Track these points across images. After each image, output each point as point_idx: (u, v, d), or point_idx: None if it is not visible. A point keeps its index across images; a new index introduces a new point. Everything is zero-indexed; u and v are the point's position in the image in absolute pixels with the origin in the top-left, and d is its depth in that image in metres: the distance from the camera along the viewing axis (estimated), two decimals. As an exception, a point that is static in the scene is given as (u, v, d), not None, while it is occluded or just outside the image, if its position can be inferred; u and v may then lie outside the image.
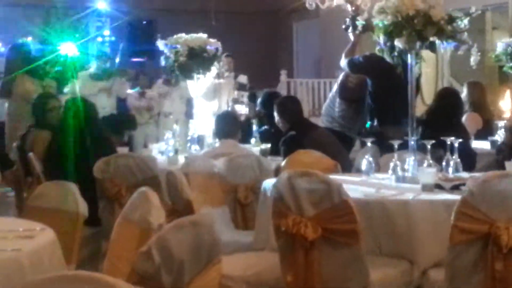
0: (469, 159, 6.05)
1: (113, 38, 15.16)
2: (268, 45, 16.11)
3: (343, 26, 7.25)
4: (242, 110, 8.10)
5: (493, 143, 7.22)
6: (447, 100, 6.60)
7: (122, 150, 6.43)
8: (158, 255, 2.54)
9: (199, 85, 8.08)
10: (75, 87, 11.12)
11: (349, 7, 7.19)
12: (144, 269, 2.54)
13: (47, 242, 3.22)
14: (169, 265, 2.58)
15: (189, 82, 7.61)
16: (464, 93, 8.41)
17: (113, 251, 3.41)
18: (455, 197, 3.93)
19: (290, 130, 6.31)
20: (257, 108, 7.56)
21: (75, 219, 3.95)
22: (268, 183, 4.60)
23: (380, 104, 6.86)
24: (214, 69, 8.55)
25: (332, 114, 7.89)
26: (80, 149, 5.78)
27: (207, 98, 8.77)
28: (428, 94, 10.14)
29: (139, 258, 2.55)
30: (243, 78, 11.23)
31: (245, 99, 9.41)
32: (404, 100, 4.83)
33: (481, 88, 8.56)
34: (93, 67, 11.44)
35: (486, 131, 7.81)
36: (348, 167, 5.98)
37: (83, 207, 3.98)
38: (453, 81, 12.36)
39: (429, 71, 10.92)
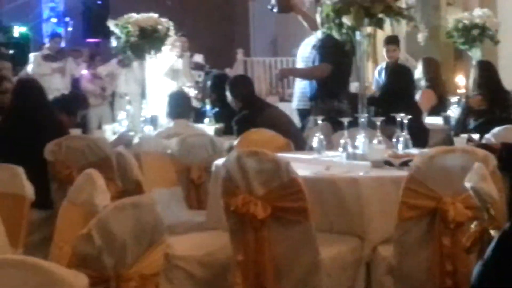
0: (421, 136, 6.09)
1: (67, 19, 14.96)
2: (224, 24, 16.03)
3: (269, 7, 7.18)
4: (191, 92, 8.08)
5: (446, 118, 7.27)
6: (399, 77, 6.63)
7: (75, 131, 6.37)
8: (99, 237, 2.52)
9: (160, 64, 8.08)
10: (28, 69, 11.02)
11: None
12: (85, 251, 2.52)
13: (-10, 226, 3.18)
14: (110, 247, 2.55)
15: (147, 62, 7.57)
16: (419, 69, 8.45)
17: (59, 235, 3.37)
18: (404, 173, 3.94)
19: (242, 109, 6.31)
20: (208, 92, 7.55)
21: (22, 203, 3.89)
22: (220, 163, 4.58)
23: (339, 82, 6.79)
24: (170, 49, 8.54)
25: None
26: (30, 132, 5.71)
27: (170, 77, 8.75)
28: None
29: (80, 240, 2.52)
30: (199, 57, 11.18)
31: (201, 80, 9.39)
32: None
33: (436, 64, 8.60)
34: (45, 48, 11.30)
35: (441, 107, 7.86)
36: (301, 145, 5.99)
37: (30, 190, 3.93)
38: (409, 57, 12.41)
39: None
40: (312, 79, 6.86)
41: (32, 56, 11.32)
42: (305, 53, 7.13)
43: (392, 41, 8.85)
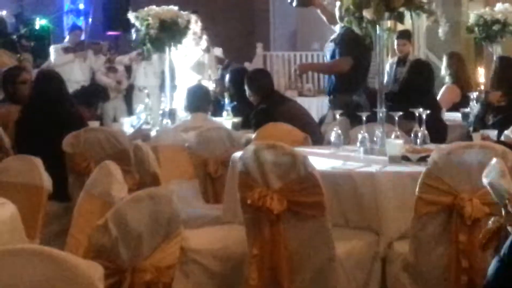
0: (439, 131, 6.07)
1: (87, 11, 14.98)
2: (243, 18, 15.99)
3: (288, 1, 7.16)
4: (209, 86, 8.12)
5: (465, 115, 7.23)
6: (418, 72, 6.59)
7: (93, 124, 6.40)
8: (115, 228, 2.53)
9: (188, 57, 8.11)
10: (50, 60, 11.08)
11: None
12: (101, 242, 2.53)
13: (8, 217, 3.19)
14: (126, 238, 2.56)
15: (173, 55, 7.63)
16: (443, 65, 8.40)
17: (76, 225, 3.39)
18: (421, 168, 3.92)
19: (261, 103, 6.31)
20: (226, 86, 7.55)
21: (39, 193, 3.91)
22: (237, 156, 4.58)
23: (358, 77, 6.75)
24: (196, 41, 8.58)
25: None
26: (49, 123, 5.74)
27: (196, 71, 8.77)
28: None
29: (96, 231, 2.53)
30: (218, 51, 11.17)
31: (218, 73, 9.41)
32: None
33: (460, 59, 8.52)
34: (66, 40, 11.36)
35: (462, 103, 7.76)
36: (319, 139, 5.98)
37: (47, 181, 3.95)
38: (429, 53, 12.35)
39: (405, 43, 10.86)
40: (332, 74, 6.83)
41: (52, 48, 11.38)
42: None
43: (402, 35, 8.80)
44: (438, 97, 7.80)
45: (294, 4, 7.10)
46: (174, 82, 8.57)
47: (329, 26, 7.17)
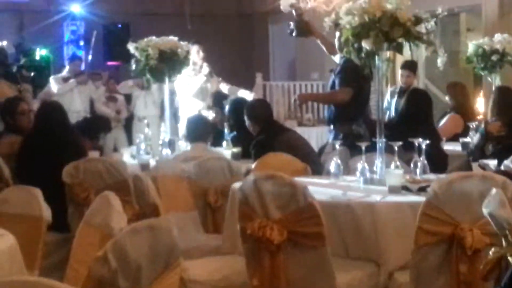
0: (440, 161, 6.06)
1: (88, 41, 15.05)
2: (243, 48, 16.08)
3: (288, 31, 7.21)
4: (209, 115, 8.14)
5: (464, 144, 7.23)
6: (417, 102, 6.61)
7: (93, 154, 6.40)
8: (115, 259, 2.52)
9: (190, 85, 8.16)
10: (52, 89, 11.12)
11: (293, 12, 7.17)
12: (100, 274, 2.52)
13: (7, 248, 3.18)
14: (126, 269, 2.55)
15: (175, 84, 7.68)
16: (447, 96, 8.40)
17: (75, 256, 3.38)
18: (421, 199, 3.92)
19: (260, 134, 6.31)
20: (226, 116, 7.57)
21: (39, 224, 3.91)
22: (237, 187, 4.57)
23: (358, 107, 6.76)
24: (198, 70, 8.63)
25: None
26: (50, 154, 5.74)
27: (199, 98, 8.80)
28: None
29: (95, 262, 2.52)
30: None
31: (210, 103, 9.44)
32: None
33: (463, 89, 8.53)
34: (65, 70, 11.40)
35: (465, 134, 7.71)
36: (318, 169, 5.98)
37: (46, 212, 3.94)
38: (428, 83, 12.40)
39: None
40: (332, 104, 6.85)
41: (52, 78, 11.43)
42: None
43: (406, 66, 8.81)
44: (440, 126, 7.80)
45: (294, 34, 7.13)
46: (178, 112, 8.60)
47: (329, 56, 7.20)
